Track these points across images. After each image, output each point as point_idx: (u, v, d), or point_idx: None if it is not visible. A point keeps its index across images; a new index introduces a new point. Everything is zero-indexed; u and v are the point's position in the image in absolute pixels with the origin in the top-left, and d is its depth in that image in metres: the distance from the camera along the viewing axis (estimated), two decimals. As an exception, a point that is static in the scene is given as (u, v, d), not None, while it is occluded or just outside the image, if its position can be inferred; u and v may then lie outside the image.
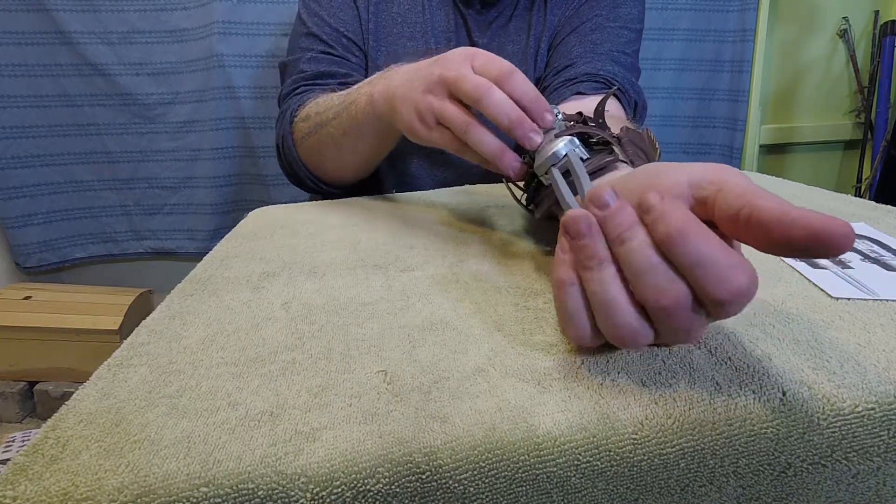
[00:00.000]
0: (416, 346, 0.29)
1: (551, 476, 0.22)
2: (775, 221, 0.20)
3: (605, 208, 0.24)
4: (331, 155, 0.63)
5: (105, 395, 0.25)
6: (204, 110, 1.29)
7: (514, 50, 0.73)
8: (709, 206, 0.24)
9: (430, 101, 0.43)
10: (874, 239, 0.41)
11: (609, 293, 0.23)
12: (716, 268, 0.21)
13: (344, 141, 0.59)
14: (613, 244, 0.24)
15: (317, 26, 0.71)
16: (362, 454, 0.21)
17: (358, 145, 0.58)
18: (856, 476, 0.24)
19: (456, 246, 0.43)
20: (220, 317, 0.33)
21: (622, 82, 0.63)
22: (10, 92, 1.24)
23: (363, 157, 0.61)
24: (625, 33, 0.69)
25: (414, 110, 0.44)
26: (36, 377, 1.22)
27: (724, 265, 0.21)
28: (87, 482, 0.20)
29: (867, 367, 0.25)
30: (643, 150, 0.40)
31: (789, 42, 1.50)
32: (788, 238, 0.20)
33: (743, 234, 0.22)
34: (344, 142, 0.59)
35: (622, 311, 0.23)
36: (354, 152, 0.60)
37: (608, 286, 0.24)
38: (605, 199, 0.24)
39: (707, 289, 0.21)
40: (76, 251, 1.38)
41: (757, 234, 0.21)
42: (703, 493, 0.23)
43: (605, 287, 0.24)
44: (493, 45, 0.73)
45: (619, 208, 0.24)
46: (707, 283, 0.21)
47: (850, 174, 1.60)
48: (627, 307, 0.23)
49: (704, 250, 0.21)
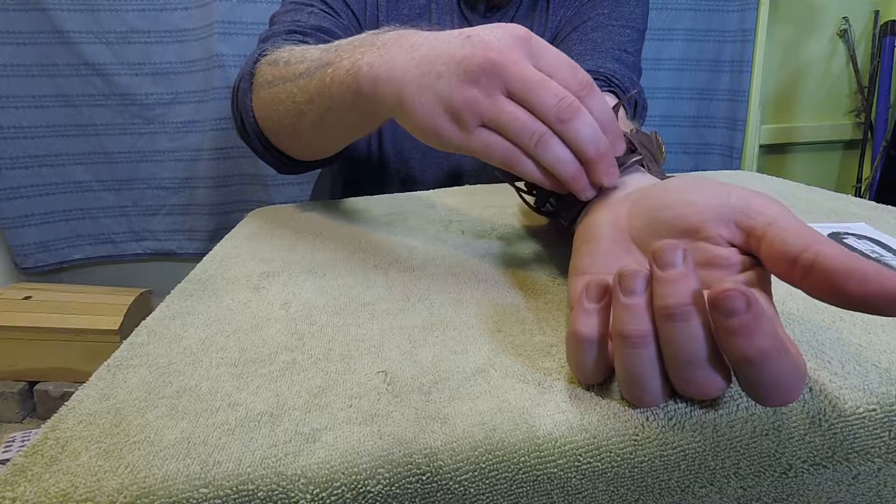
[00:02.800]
0: (416, 347, 0.28)
1: (552, 477, 0.22)
2: (843, 274, 0.19)
3: (668, 269, 0.21)
4: (288, 121, 0.49)
5: (105, 396, 0.25)
6: (204, 110, 1.29)
7: None
8: (755, 239, 0.22)
9: (474, 96, 0.31)
10: (874, 239, 0.41)
11: (642, 373, 0.21)
12: (780, 391, 0.20)
13: (307, 110, 0.45)
14: (659, 313, 0.21)
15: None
16: (362, 455, 0.21)
17: (324, 122, 0.45)
18: (856, 477, 0.24)
19: (456, 246, 0.43)
20: (220, 317, 0.33)
21: (622, 80, 0.63)
22: (7, 92, 1.24)
23: (328, 137, 0.48)
24: (627, 32, 0.69)
25: (442, 107, 0.33)
26: (36, 377, 1.22)
27: (788, 386, 0.20)
28: (86, 483, 0.20)
29: (868, 368, 0.25)
30: (652, 153, 0.38)
31: (789, 42, 1.51)
32: (860, 293, 0.18)
33: (798, 280, 0.20)
34: (307, 111, 0.45)
35: (650, 388, 0.22)
36: (318, 128, 0.47)
37: (643, 367, 0.21)
38: (674, 258, 0.21)
39: (760, 400, 0.20)
40: (74, 252, 1.37)
41: (817, 283, 0.20)
42: (703, 494, 0.23)
43: (640, 368, 0.21)
44: None
45: (682, 276, 0.20)
46: (765, 398, 0.20)
47: (850, 174, 1.60)
48: (656, 385, 0.21)
49: (779, 373, 0.19)
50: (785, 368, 0.19)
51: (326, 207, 0.58)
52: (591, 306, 0.23)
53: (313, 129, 0.47)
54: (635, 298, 0.21)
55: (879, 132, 1.51)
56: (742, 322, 0.19)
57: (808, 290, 0.20)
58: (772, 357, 0.19)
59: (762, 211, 0.23)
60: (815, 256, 0.20)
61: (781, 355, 0.19)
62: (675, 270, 0.20)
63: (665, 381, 0.22)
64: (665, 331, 0.20)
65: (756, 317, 0.19)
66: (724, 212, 0.23)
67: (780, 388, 0.20)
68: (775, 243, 0.21)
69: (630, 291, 0.21)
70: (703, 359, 0.20)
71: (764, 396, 0.20)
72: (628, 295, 0.21)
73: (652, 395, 0.22)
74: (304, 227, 0.50)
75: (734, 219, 0.23)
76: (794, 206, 0.51)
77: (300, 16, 0.59)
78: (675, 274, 0.20)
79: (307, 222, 0.52)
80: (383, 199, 0.60)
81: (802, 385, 0.20)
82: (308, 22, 0.59)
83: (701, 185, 0.25)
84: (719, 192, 0.24)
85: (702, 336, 0.20)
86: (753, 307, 0.19)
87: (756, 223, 0.23)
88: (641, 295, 0.21)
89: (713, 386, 0.21)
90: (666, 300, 0.20)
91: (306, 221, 0.52)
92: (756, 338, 0.19)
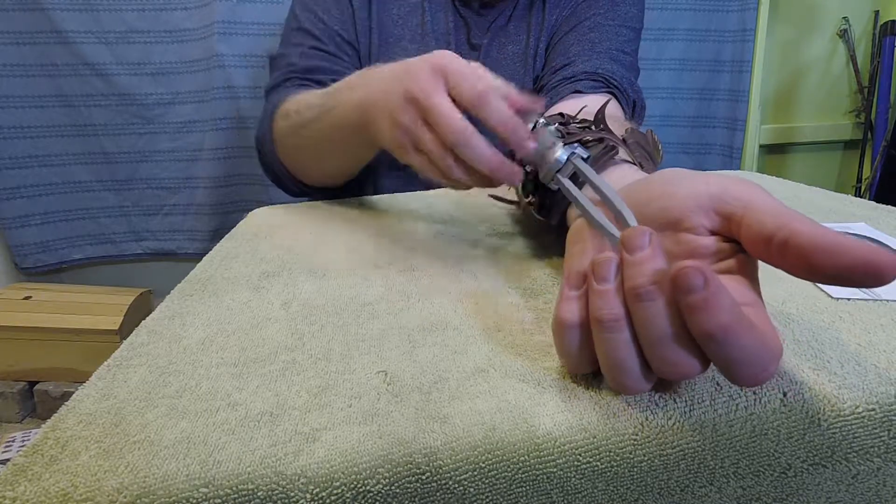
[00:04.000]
0: (416, 347, 0.28)
1: (551, 476, 0.22)
2: (816, 248, 0.19)
3: (634, 252, 0.21)
4: (312, 161, 0.61)
5: (105, 396, 0.25)
6: (204, 110, 1.29)
7: (514, 50, 0.73)
8: (734, 224, 0.23)
9: (405, 126, 0.39)
10: (874, 239, 0.41)
11: (621, 356, 0.22)
12: (750, 368, 0.20)
13: (325, 147, 0.56)
14: (628, 294, 0.21)
15: (310, 22, 0.70)
16: (362, 455, 0.21)
17: (341, 152, 0.56)
18: (856, 477, 0.24)
19: (456, 246, 0.43)
20: (220, 317, 0.33)
21: (621, 81, 0.63)
22: (6, 92, 1.23)
23: (347, 163, 0.60)
24: (623, 32, 0.69)
25: (390, 134, 0.42)
26: (36, 377, 1.22)
27: (758, 362, 0.20)
28: (86, 483, 0.20)
29: (867, 367, 0.25)
30: (647, 151, 0.39)
31: (789, 42, 1.51)
32: (833, 266, 0.19)
33: (776, 259, 0.21)
34: (325, 147, 0.56)
35: (630, 372, 0.22)
36: (337, 158, 0.58)
37: (620, 351, 0.22)
38: (640, 241, 0.21)
39: (732, 378, 0.20)
40: (74, 252, 1.37)
41: (793, 260, 0.20)
42: (703, 493, 0.23)
43: (617, 352, 0.22)
44: (493, 45, 0.73)
45: (648, 258, 0.21)
46: (735, 376, 0.20)
47: (850, 174, 1.60)
48: (635, 368, 0.22)
49: (745, 349, 0.19)
50: (751, 345, 0.19)
51: (326, 207, 0.58)
52: (572, 293, 0.23)
53: (335, 161, 0.59)
54: (607, 284, 0.22)
55: (879, 132, 1.50)
56: (700, 298, 0.19)
57: (788, 268, 0.21)
58: (734, 333, 0.19)
59: (738, 196, 0.23)
60: (788, 234, 0.20)
61: (746, 331, 0.19)
62: (641, 253, 0.21)
63: (645, 365, 0.22)
64: (635, 312, 0.21)
65: (714, 293, 0.19)
66: (703, 201, 0.24)
67: (749, 365, 0.20)
68: (753, 226, 0.22)
69: (602, 278, 0.22)
70: (671, 336, 0.20)
71: (735, 374, 0.20)
72: (601, 282, 0.22)
73: (634, 380, 0.22)
74: (304, 227, 0.50)
75: (713, 207, 0.24)
76: (794, 206, 0.51)
77: (293, 58, 0.68)
78: (641, 256, 0.21)
79: (307, 222, 0.52)
80: (383, 199, 0.60)
81: (774, 363, 0.20)
82: (300, 64, 0.68)
83: (683, 176, 0.26)
84: (698, 182, 0.25)
85: (669, 314, 0.20)
86: (711, 283, 0.19)
87: (734, 208, 0.23)
88: (612, 281, 0.22)
89: (686, 364, 0.21)
90: (633, 281, 0.21)
91: (306, 221, 0.52)
92: (715, 313, 0.19)
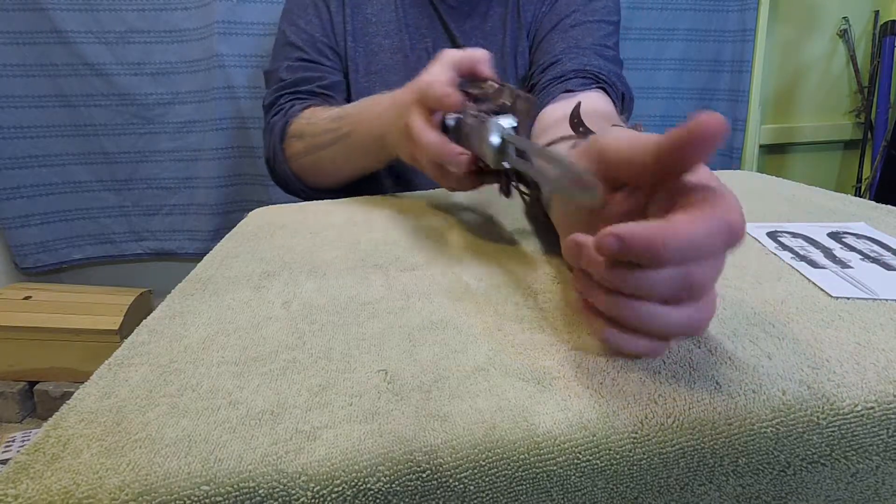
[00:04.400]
0: (416, 346, 0.29)
1: (551, 475, 0.22)
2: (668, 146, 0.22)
3: (580, 261, 0.24)
4: (329, 175, 0.69)
5: (106, 395, 0.25)
6: (204, 110, 1.29)
7: (492, 43, 0.75)
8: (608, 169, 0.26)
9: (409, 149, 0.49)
10: (874, 239, 0.41)
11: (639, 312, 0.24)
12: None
13: (345, 163, 0.65)
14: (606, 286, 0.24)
15: (294, 34, 0.76)
16: (363, 453, 0.21)
17: (361, 165, 0.65)
18: (855, 475, 0.24)
19: (456, 245, 0.44)
20: (221, 316, 0.33)
21: (609, 75, 0.65)
22: (6, 92, 1.23)
23: (364, 171, 0.67)
24: (603, 26, 0.72)
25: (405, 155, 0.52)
26: (36, 377, 1.22)
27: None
28: (88, 481, 0.20)
29: (866, 366, 0.25)
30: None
31: (789, 42, 1.50)
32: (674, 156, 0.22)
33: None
34: (345, 164, 0.66)
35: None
36: (356, 169, 0.67)
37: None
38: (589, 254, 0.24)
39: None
40: (74, 252, 1.37)
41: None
42: (702, 491, 0.23)
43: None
44: (472, 37, 0.75)
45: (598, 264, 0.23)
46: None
47: (850, 174, 1.60)
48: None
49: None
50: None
51: (326, 207, 0.58)
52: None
53: (353, 172, 0.67)
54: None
55: (879, 132, 1.50)
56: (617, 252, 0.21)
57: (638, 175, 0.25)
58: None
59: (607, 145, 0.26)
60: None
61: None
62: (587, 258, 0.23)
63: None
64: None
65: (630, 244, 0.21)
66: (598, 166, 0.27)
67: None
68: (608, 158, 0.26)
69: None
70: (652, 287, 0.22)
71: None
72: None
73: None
74: (304, 227, 0.50)
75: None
76: (794, 206, 0.51)
77: (282, 72, 0.75)
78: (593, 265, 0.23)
79: (307, 222, 0.52)
80: (383, 199, 0.60)
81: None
82: (288, 79, 0.74)
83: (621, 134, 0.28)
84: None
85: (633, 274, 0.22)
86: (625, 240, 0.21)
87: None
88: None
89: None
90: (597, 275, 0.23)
91: (306, 221, 0.52)
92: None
